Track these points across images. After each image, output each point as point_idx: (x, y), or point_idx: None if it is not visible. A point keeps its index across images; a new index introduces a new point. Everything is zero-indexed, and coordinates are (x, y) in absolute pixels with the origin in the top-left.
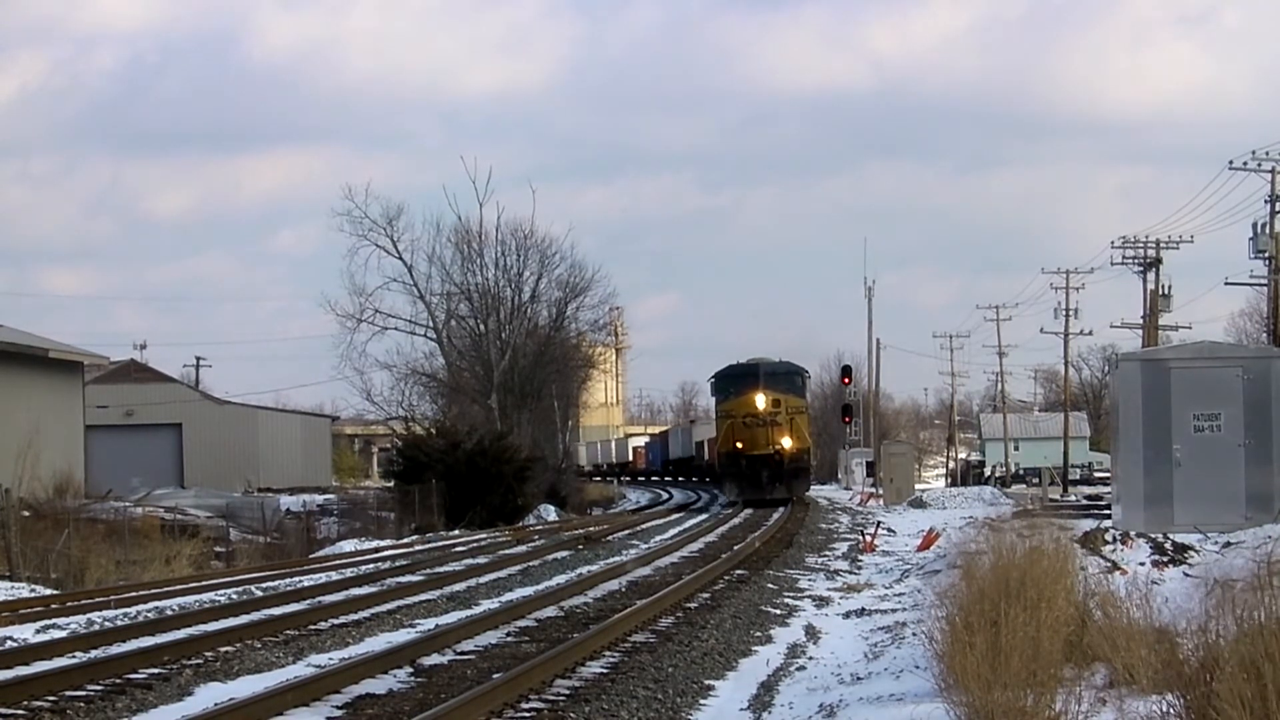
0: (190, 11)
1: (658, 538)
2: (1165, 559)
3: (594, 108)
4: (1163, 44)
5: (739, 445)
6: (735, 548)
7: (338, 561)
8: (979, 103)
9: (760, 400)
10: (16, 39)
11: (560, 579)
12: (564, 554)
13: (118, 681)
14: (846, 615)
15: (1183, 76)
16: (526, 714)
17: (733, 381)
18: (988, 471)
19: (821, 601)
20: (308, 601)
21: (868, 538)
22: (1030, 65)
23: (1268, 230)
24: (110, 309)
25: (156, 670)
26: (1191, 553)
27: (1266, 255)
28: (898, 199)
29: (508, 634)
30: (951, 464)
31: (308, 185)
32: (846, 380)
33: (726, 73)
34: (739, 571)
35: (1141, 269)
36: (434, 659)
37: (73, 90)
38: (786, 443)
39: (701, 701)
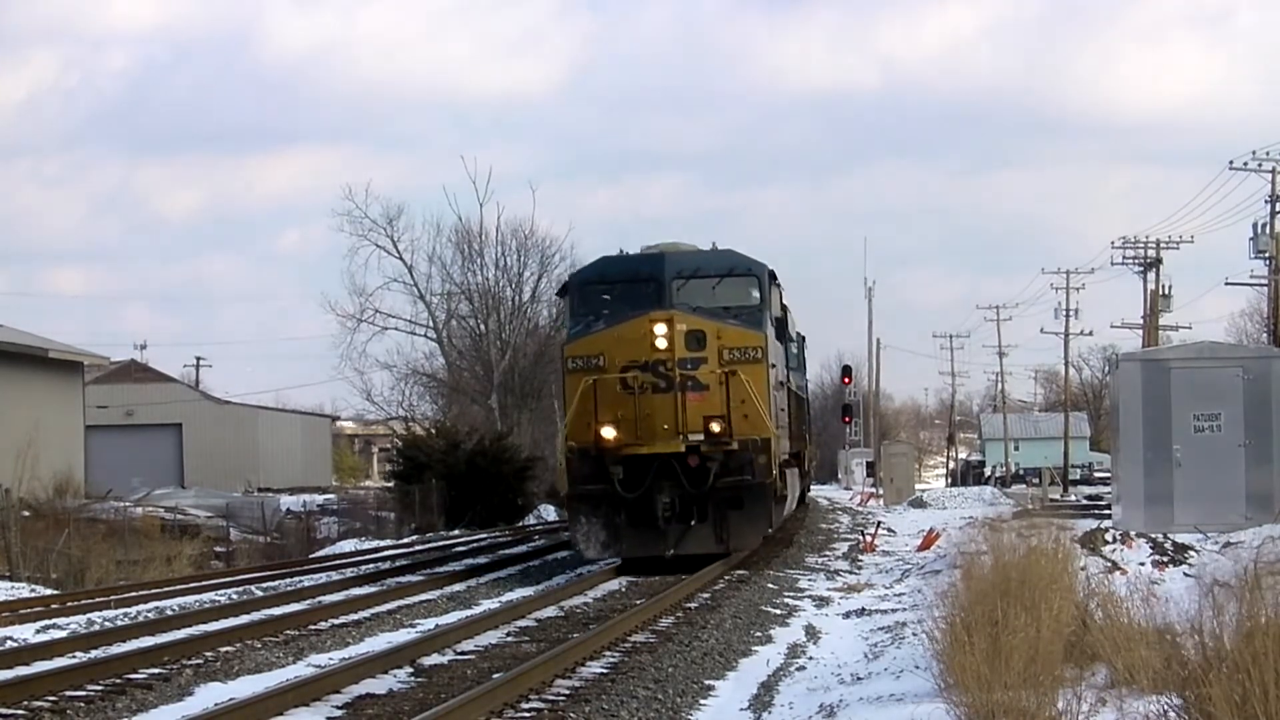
0: (202, 12)
1: None
2: (1165, 559)
3: (603, 107)
4: (1172, 46)
5: (606, 434)
6: None
7: (338, 561)
8: (986, 104)
9: (660, 333)
10: (28, 39)
11: (560, 579)
12: (564, 554)
13: (118, 681)
14: (846, 615)
15: (1191, 78)
16: (527, 714)
17: (605, 294)
18: (988, 471)
19: (821, 601)
20: (308, 601)
21: (868, 538)
22: (1038, 67)
23: (1268, 230)
24: (117, 309)
25: (156, 670)
26: (1191, 553)
27: (1266, 255)
28: (901, 199)
29: (508, 634)
30: (951, 464)
31: (318, 186)
32: (847, 380)
33: (736, 73)
34: (739, 571)
35: (1142, 269)
36: (434, 659)
37: (84, 90)
38: (717, 426)
39: (701, 701)
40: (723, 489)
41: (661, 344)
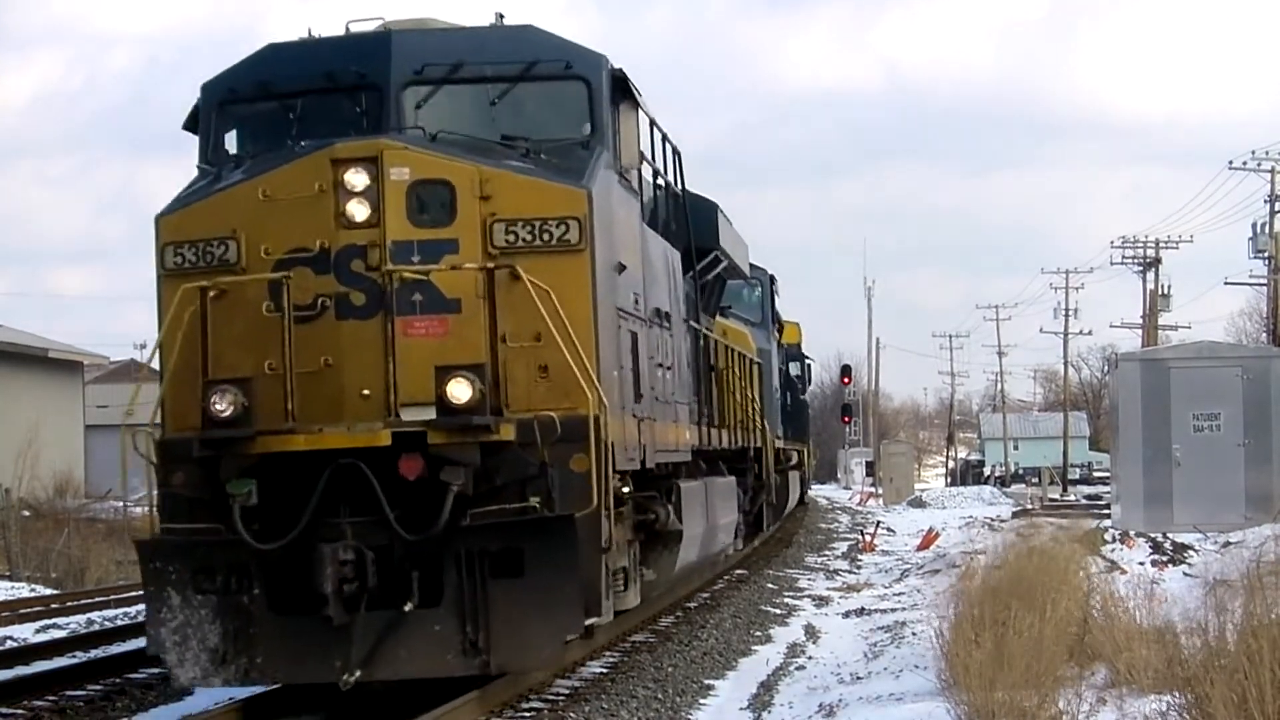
0: (205, 12)
1: None
2: (1165, 559)
3: None
4: (1172, 46)
5: (221, 407)
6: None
7: None
8: (987, 104)
9: (357, 186)
10: (33, 40)
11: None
12: None
13: (118, 681)
14: (846, 615)
15: (1191, 78)
16: (526, 714)
17: (268, 119)
18: (987, 471)
19: (821, 601)
20: None
21: (867, 537)
22: (1039, 67)
23: (1267, 230)
24: (118, 309)
25: (156, 670)
26: (1191, 552)
27: (1266, 255)
28: (903, 199)
29: None
30: (951, 464)
31: None
32: (846, 380)
33: (738, 73)
34: (738, 571)
35: (1141, 269)
36: None
37: (88, 91)
38: (462, 389)
39: (701, 701)
40: (478, 532)
41: (358, 210)
